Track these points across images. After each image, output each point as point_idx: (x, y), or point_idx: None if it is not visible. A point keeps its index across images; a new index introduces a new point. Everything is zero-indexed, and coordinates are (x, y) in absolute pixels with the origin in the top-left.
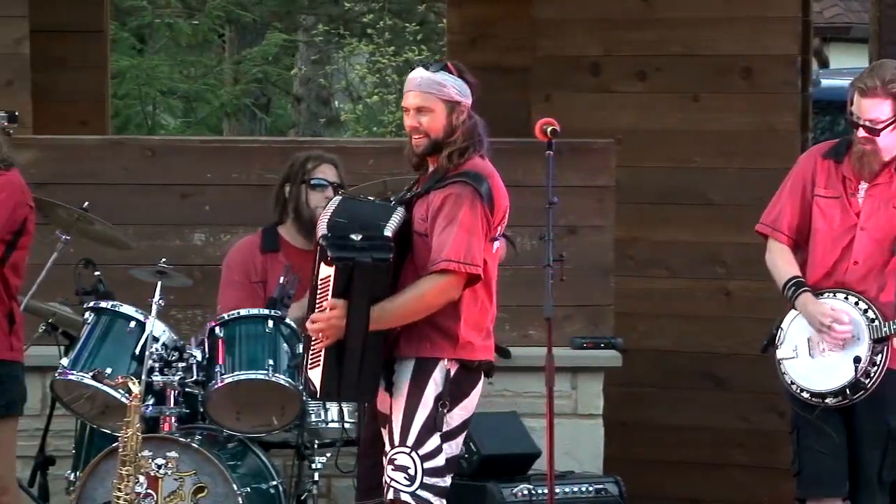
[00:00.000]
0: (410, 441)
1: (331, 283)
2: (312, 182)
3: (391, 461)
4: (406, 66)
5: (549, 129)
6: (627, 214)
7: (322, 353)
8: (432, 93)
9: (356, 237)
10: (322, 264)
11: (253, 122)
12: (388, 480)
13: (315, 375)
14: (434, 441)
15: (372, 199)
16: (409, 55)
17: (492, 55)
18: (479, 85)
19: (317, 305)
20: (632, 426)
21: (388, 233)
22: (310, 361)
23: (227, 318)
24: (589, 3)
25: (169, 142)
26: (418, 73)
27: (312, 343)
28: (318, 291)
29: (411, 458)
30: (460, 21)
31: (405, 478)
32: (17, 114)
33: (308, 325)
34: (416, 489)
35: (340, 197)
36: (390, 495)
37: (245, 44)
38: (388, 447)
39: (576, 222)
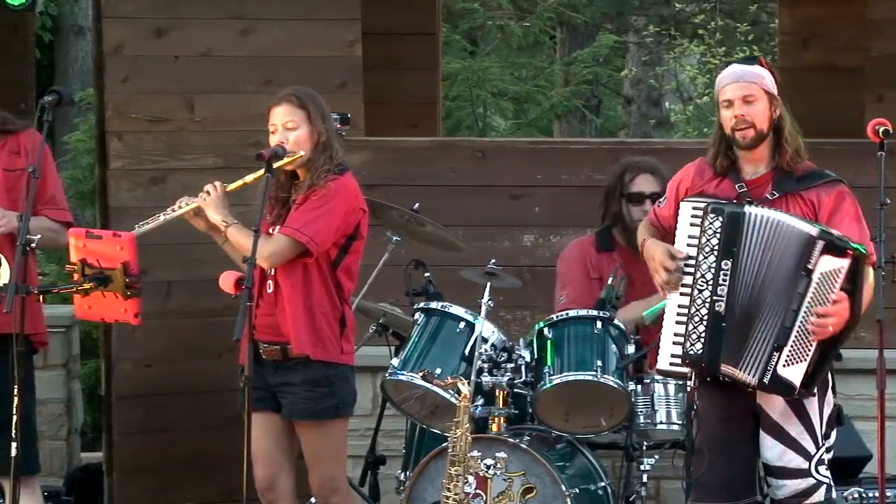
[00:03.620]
0: (821, 440)
1: (842, 276)
2: (631, 195)
3: (822, 462)
4: None
5: (881, 130)
6: None
7: (812, 349)
8: (756, 82)
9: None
10: (827, 256)
11: (583, 123)
12: (824, 480)
13: (795, 373)
14: (833, 435)
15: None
16: (741, 56)
17: (824, 55)
18: (811, 85)
19: (825, 299)
20: None
21: None
22: (787, 358)
23: (555, 318)
24: None
25: (499, 143)
26: (737, 67)
27: (796, 339)
28: (823, 286)
29: (826, 455)
30: (792, 21)
31: (830, 476)
32: (349, 116)
33: (815, 320)
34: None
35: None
36: (833, 494)
37: (576, 45)
38: (811, 448)
39: None
